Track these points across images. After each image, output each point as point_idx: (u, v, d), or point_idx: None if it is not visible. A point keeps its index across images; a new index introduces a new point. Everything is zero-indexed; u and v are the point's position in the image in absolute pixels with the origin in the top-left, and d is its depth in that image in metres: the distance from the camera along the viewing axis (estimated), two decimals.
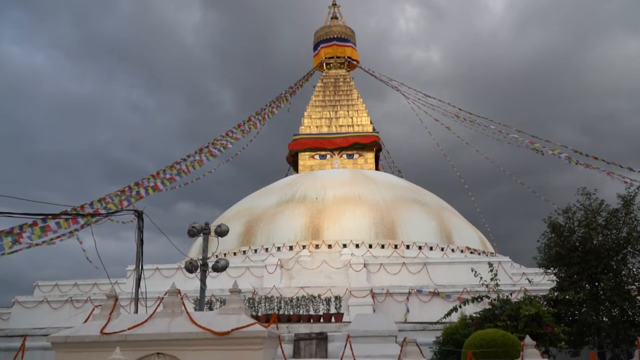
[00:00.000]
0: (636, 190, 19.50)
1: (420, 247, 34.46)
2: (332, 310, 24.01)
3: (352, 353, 12.00)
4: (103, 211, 22.22)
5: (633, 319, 18.00)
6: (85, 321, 12.38)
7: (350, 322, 19.98)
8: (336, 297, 24.68)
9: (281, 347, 12.30)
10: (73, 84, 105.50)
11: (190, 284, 25.12)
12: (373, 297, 27.55)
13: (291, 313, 23.58)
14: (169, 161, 34.01)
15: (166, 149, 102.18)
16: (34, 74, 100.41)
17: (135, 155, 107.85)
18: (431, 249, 34.71)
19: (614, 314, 18.05)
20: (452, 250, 35.23)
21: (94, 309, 12.76)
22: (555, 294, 18.48)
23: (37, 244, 19.99)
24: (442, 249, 34.90)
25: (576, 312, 18.49)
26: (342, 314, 24.17)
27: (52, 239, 20.66)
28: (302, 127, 49.47)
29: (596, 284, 18.72)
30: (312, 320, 23.08)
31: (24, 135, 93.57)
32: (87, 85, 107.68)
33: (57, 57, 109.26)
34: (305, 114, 50.43)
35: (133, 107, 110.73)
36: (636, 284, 18.58)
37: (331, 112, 50.18)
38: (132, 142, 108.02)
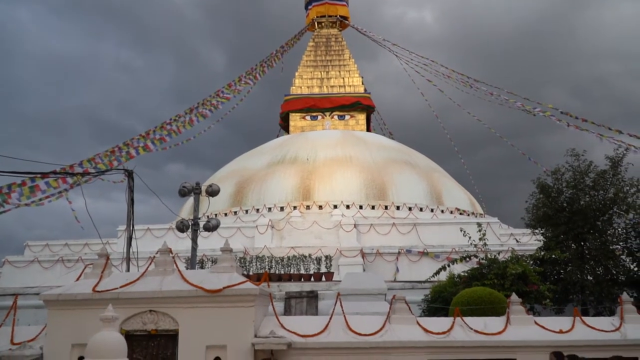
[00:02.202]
0: (624, 152, 19.66)
1: (410, 208, 34.74)
2: (323, 270, 24.32)
3: (342, 310, 12.20)
4: (93, 171, 22.07)
5: (616, 278, 18.40)
6: (77, 279, 12.47)
7: (340, 281, 20.27)
8: (327, 257, 24.97)
9: (272, 304, 12.49)
10: (59, 41, 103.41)
11: (181, 244, 25.27)
12: (363, 256, 27.88)
13: (282, 272, 23.86)
14: (158, 122, 33.62)
15: (156, 110, 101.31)
16: (17, 31, 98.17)
17: (124, 116, 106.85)
18: (421, 210, 35.00)
19: (599, 272, 18.44)
20: (442, 211, 35.55)
21: (85, 268, 12.80)
22: (542, 253, 18.79)
23: (26, 204, 19.88)
24: (432, 210, 35.22)
25: (561, 271, 18.86)
26: (333, 273, 24.50)
27: (40, 199, 20.53)
28: (293, 87, 49.00)
29: (582, 243, 19.04)
30: (302, 279, 23.39)
31: (9, 95, 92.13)
32: (74, 43, 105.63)
33: (41, 13, 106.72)
34: (297, 74, 49.89)
35: (122, 67, 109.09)
36: (621, 243, 18.92)
37: (322, 73, 49.65)
38: (121, 103, 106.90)
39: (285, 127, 49.78)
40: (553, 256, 18.30)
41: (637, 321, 12.47)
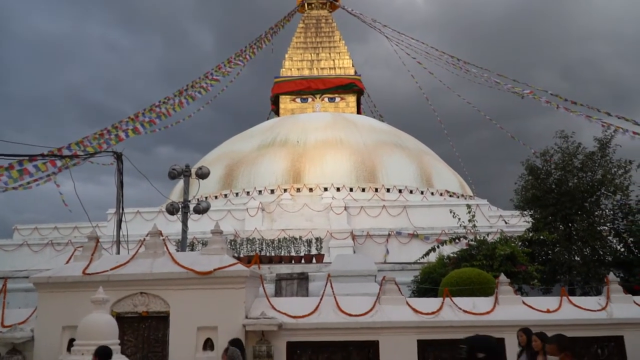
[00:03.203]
0: (612, 134, 19.79)
1: (400, 191, 34.87)
2: (313, 252, 24.42)
3: (333, 291, 12.28)
4: (81, 154, 21.88)
5: (603, 258, 18.63)
6: (67, 262, 12.43)
7: (330, 263, 20.38)
8: (317, 239, 25.06)
9: (263, 286, 12.55)
10: (45, 21, 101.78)
11: (171, 227, 25.24)
12: (353, 239, 28.01)
13: (273, 254, 23.94)
14: (147, 104, 33.36)
15: (144, 92, 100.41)
16: (3, 11, 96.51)
17: (112, 98, 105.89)
18: (411, 192, 35.13)
19: (586, 253, 18.65)
20: (432, 193, 35.72)
21: (75, 250, 12.77)
22: (530, 234, 18.96)
23: (14, 188, 19.71)
24: (422, 193, 35.37)
25: (549, 252, 19.06)
26: (323, 255, 24.61)
27: (29, 183, 20.37)
28: (283, 69, 48.71)
29: (570, 224, 19.22)
30: (293, 261, 23.49)
31: None
32: (61, 23, 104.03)
33: None
34: (287, 56, 49.58)
35: (109, 48, 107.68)
36: (608, 224, 19.13)
37: (312, 55, 49.36)
38: (108, 84, 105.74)
39: (276, 110, 49.58)
40: (541, 237, 18.49)
41: (623, 301, 12.66)
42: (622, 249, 18.62)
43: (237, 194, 35.38)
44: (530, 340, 9.09)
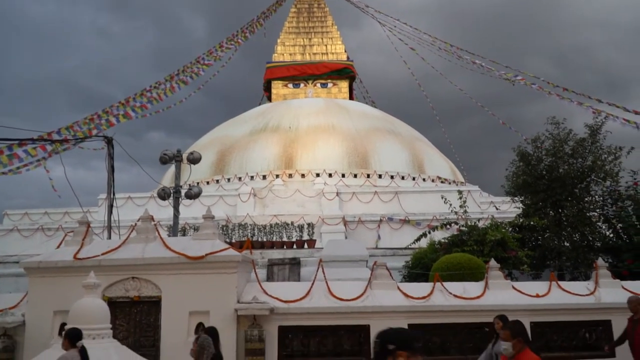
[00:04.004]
0: (603, 120, 19.85)
1: (392, 177, 34.92)
2: (305, 238, 24.48)
3: (324, 276, 12.33)
4: (71, 139, 21.70)
5: (592, 244, 18.79)
6: (58, 247, 12.39)
7: (322, 248, 20.44)
8: (309, 225, 25.10)
9: (255, 271, 12.58)
10: (35, 5, 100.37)
11: (163, 212, 25.19)
12: (345, 224, 28.08)
13: (265, 240, 23.96)
14: (138, 89, 33.01)
15: (135, 77, 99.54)
16: None
17: (103, 83, 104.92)
18: (403, 178, 35.19)
19: (575, 239, 18.81)
20: (424, 179, 35.80)
21: (65, 236, 12.72)
22: (521, 220, 19.08)
23: (3, 173, 19.56)
24: (414, 179, 35.44)
25: (539, 237, 19.20)
26: (315, 240, 24.68)
27: (19, 168, 20.22)
28: (275, 54, 48.38)
29: (560, 210, 19.35)
30: (285, 247, 23.53)
31: None
32: (50, 7, 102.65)
33: None
34: (279, 40, 49.23)
35: (100, 32, 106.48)
36: (597, 210, 19.27)
37: (305, 40, 49.05)
38: (99, 69, 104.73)
39: (269, 96, 49.35)
40: (531, 223, 18.61)
41: (611, 286, 12.82)
42: (611, 235, 18.79)
43: (229, 179, 35.30)
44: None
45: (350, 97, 48.73)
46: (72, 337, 7.34)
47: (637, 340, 10.48)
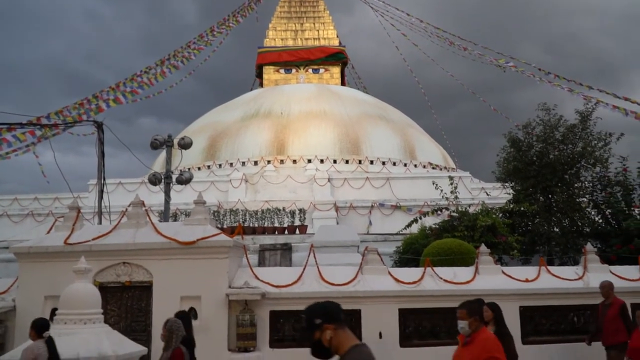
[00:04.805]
0: (594, 106, 19.95)
1: (383, 163, 34.95)
2: (297, 223, 24.52)
3: (316, 261, 12.37)
4: (61, 124, 21.50)
5: (581, 229, 18.96)
6: (48, 232, 12.33)
7: (314, 233, 20.49)
8: (300, 210, 25.12)
9: (246, 256, 12.60)
10: None
11: (154, 198, 25.09)
12: (337, 210, 28.12)
13: (256, 225, 23.98)
14: (128, 74, 32.65)
15: (125, 61, 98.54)
16: None
17: (93, 67, 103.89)
18: (394, 164, 35.23)
19: (565, 224, 18.96)
20: (415, 165, 35.87)
21: (55, 221, 12.65)
22: (511, 206, 19.19)
23: None
24: (405, 165, 35.49)
25: (529, 223, 19.34)
26: (306, 226, 24.73)
27: (7, 153, 20.05)
28: (267, 39, 48.02)
29: (550, 196, 19.48)
30: (276, 232, 23.58)
31: None
32: None
33: None
34: (270, 25, 48.82)
35: (89, 16, 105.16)
36: (587, 196, 19.41)
37: (297, 25, 48.69)
38: (89, 53, 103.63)
39: (262, 82, 49.07)
40: (521, 209, 18.73)
41: (600, 270, 12.95)
42: (600, 220, 18.96)
43: (220, 165, 35.19)
44: (496, 315, 9.31)
45: (342, 83, 48.56)
46: (38, 328, 7.25)
47: (606, 325, 10.66)
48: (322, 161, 34.37)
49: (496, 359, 6.20)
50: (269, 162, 34.38)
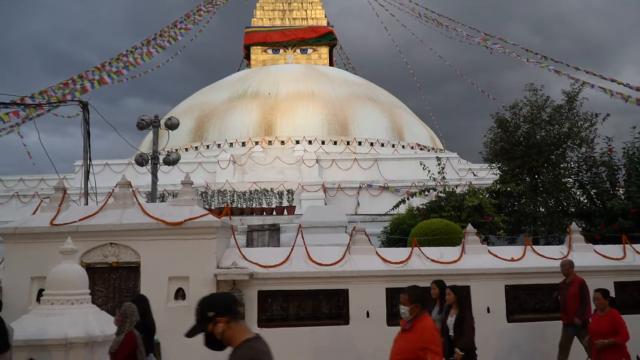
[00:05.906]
0: (580, 87, 20.05)
1: (372, 144, 34.96)
2: (285, 204, 24.54)
3: (304, 242, 12.41)
4: (46, 104, 21.21)
5: (567, 209, 19.18)
6: (34, 213, 12.23)
7: (302, 214, 20.53)
8: (289, 191, 25.14)
9: (234, 237, 12.60)
10: None
11: (141, 179, 24.95)
12: (325, 191, 28.17)
13: (244, 206, 23.97)
14: (114, 53, 32.18)
15: (111, 41, 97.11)
16: None
17: (78, 47, 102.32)
18: (382, 145, 35.25)
19: (550, 204, 19.16)
20: (403, 146, 35.92)
21: (41, 202, 12.55)
22: (498, 186, 19.34)
23: None
24: (393, 146, 35.53)
25: (516, 203, 19.53)
26: (295, 206, 24.75)
27: None
28: (254, 19, 47.53)
29: (536, 176, 19.64)
30: (265, 213, 23.58)
31: None
32: None
33: None
34: (258, 5, 48.29)
35: None
36: (572, 176, 19.60)
37: (284, 4, 48.19)
38: (73, 33, 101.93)
39: (249, 60, 48.64)
40: (508, 189, 18.89)
41: (584, 249, 13.13)
42: (585, 200, 19.17)
43: (207, 146, 35.01)
44: (443, 293, 9.51)
45: (330, 64, 48.31)
46: None
47: (568, 303, 10.85)
48: (310, 142, 34.31)
49: (430, 351, 6.09)
50: (256, 143, 34.27)
